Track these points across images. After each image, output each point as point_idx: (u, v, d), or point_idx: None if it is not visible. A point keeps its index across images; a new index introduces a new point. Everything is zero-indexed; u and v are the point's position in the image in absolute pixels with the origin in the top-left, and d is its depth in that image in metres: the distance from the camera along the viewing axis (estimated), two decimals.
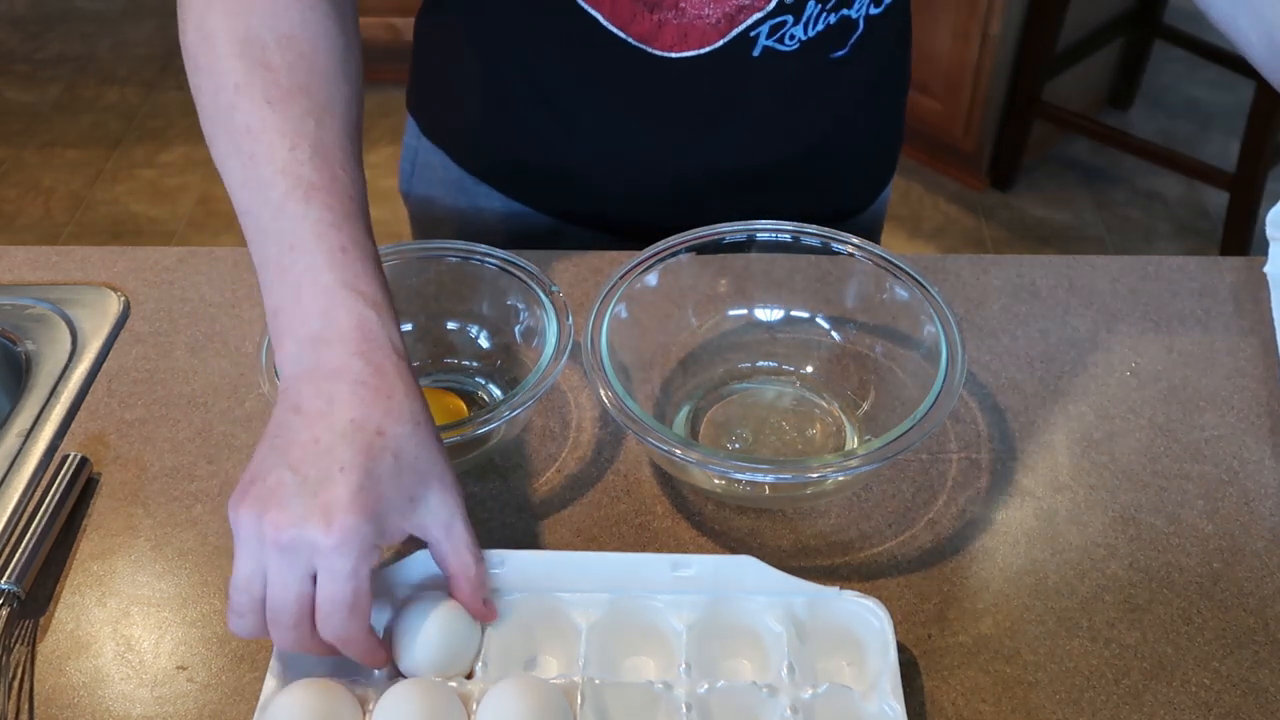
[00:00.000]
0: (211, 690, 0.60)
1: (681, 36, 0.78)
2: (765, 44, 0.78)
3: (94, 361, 0.79)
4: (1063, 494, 0.70)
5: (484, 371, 0.77)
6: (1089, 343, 0.79)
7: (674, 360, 0.76)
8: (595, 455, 0.72)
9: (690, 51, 0.78)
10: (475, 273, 0.75)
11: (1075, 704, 0.59)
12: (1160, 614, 0.63)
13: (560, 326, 0.70)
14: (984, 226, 2.41)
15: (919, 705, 0.59)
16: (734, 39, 0.78)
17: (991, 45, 2.23)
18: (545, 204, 0.94)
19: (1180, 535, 0.67)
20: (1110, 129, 2.39)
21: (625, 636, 0.60)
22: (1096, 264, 0.86)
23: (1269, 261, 0.83)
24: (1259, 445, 0.72)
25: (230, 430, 0.74)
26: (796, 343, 0.77)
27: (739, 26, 0.77)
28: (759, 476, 0.63)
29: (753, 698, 0.56)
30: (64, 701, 0.60)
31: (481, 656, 0.58)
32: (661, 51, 0.78)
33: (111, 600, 0.65)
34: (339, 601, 0.52)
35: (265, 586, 0.53)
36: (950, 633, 0.62)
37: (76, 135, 2.71)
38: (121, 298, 0.84)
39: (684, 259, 0.74)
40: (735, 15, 0.76)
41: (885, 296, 0.73)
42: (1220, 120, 2.64)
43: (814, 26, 0.78)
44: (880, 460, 0.62)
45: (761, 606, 0.60)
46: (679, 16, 0.76)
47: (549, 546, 0.67)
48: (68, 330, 0.81)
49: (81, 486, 0.70)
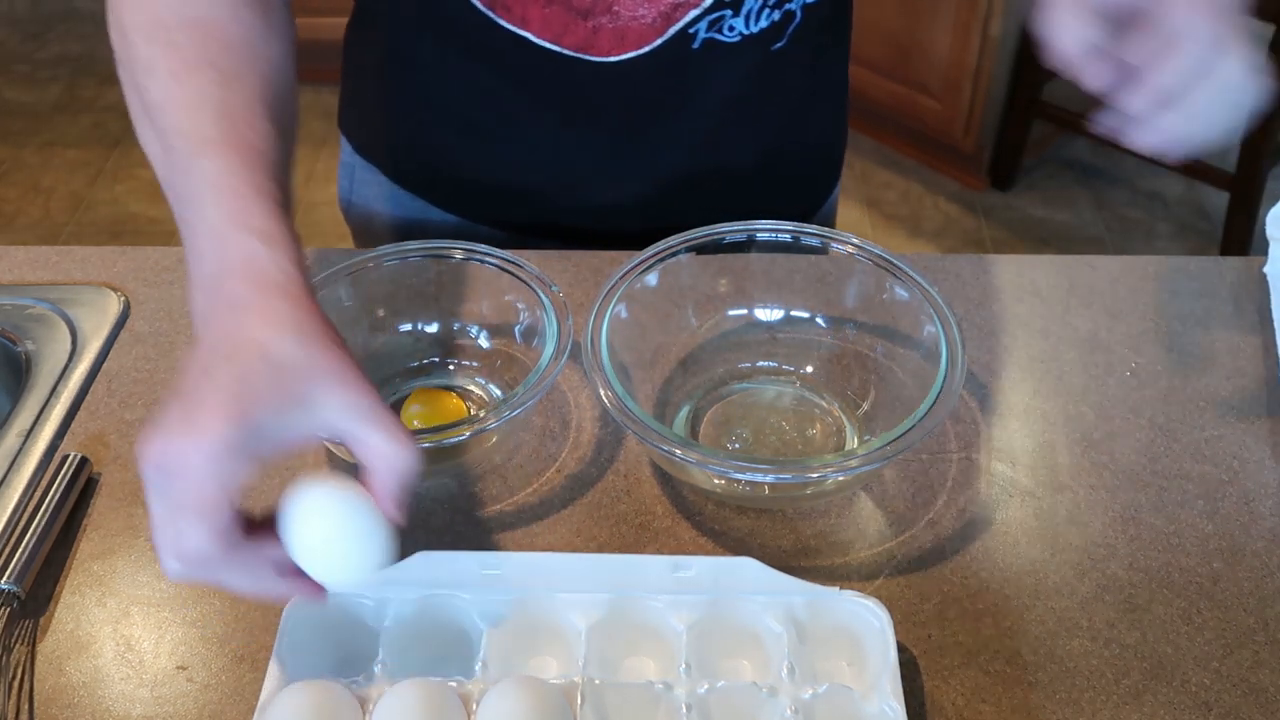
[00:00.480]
0: (211, 690, 0.60)
1: (619, 40, 0.77)
2: (705, 36, 0.77)
3: (94, 361, 0.79)
4: (1063, 494, 0.70)
5: (484, 371, 0.77)
6: (1089, 343, 0.79)
7: (674, 360, 0.76)
8: (595, 455, 0.72)
9: (629, 53, 0.78)
10: (475, 273, 0.75)
11: (1075, 704, 0.59)
12: (1160, 614, 0.63)
13: (560, 326, 0.69)
14: (984, 226, 2.41)
15: (919, 705, 0.59)
16: (673, 36, 0.77)
17: (991, 45, 2.23)
18: (493, 218, 0.92)
19: (1180, 535, 0.67)
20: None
21: (625, 637, 0.60)
22: (1096, 264, 0.86)
23: (1269, 261, 0.83)
24: (1259, 445, 0.72)
25: None
26: (796, 343, 0.77)
27: (677, 24, 0.76)
28: (759, 476, 0.63)
29: (753, 698, 0.56)
30: (64, 701, 0.60)
31: (482, 656, 0.58)
32: (599, 57, 0.78)
33: (111, 600, 0.65)
34: (188, 506, 0.49)
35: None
36: (950, 633, 0.62)
37: (76, 135, 2.71)
38: (121, 298, 0.84)
39: (684, 259, 0.74)
40: (671, 13, 0.75)
41: (885, 296, 0.73)
42: None
43: (756, 21, 0.78)
44: (880, 460, 0.62)
45: (761, 607, 0.60)
46: (614, 20, 0.76)
47: (549, 546, 0.67)
48: (68, 330, 0.81)
49: (81, 486, 0.70)
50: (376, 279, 0.75)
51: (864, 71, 2.46)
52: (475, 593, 0.61)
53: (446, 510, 0.69)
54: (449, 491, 0.70)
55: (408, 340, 0.78)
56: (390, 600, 0.60)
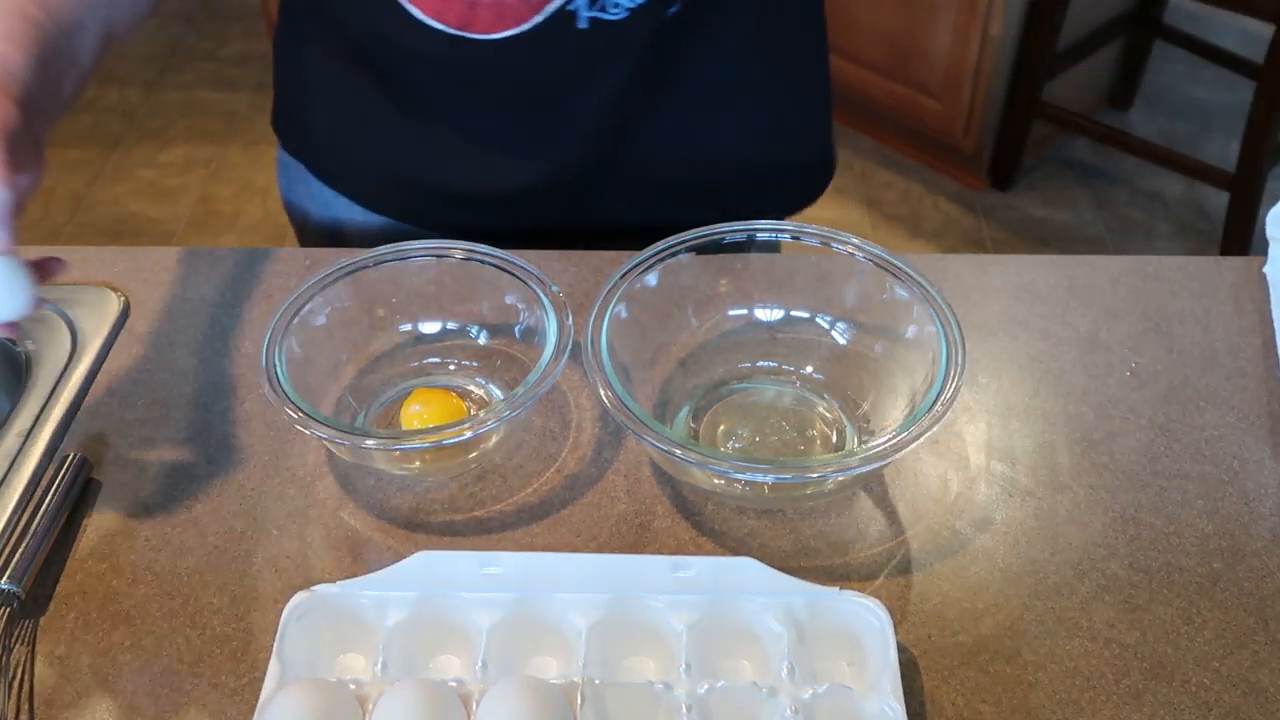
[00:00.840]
0: (212, 690, 0.60)
1: (498, 17, 0.77)
2: (589, 15, 0.77)
3: (94, 361, 0.79)
4: (1063, 494, 0.70)
5: (484, 371, 0.77)
6: (1089, 343, 0.79)
7: (674, 360, 0.76)
8: (595, 455, 0.72)
9: (510, 31, 0.77)
10: (475, 273, 0.75)
11: (1075, 704, 0.59)
12: (1160, 614, 0.63)
13: (560, 326, 0.69)
14: (984, 226, 2.41)
15: (919, 705, 0.59)
16: (552, 15, 0.76)
17: (991, 45, 2.23)
18: (411, 214, 0.92)
19: (1180, 535, 0.67)
20: (1110, 129, 2.39)
21: (625, 637, 0.60)
22: (1096, 264, 0.86)
23: (1269, 261, 0.83)
24: (1259, 445, 0.72)
25: (230, 430, 0.74)
26: (796, 343, 0.77)
27: (553, 1, 0.76)
28: (759, 476, 0.63)
29: (753, 698, 0.56)
30: (64, 701, 0.60)
31: (482, 656, 0.58)
32: (482, 35, 0.77)
33: (111, 600, 0.65)
34: None
35: None
36: (950, 633, 0.62)
37: (76, 135, 2.71)
38: (121, 298, 0.84)
39: (684, 259, 0.74)
40: None
41: (885, 296, 0.73)
42: (1220, 120, 2.64)
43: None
44: (880, 460, 0.62)
45: (761, 607, 0.60)
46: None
47: (549, 547, 0.67)
48: (68, 330, 0.81)
49: (82, 486, 0.70)
50: (376, 279, 0.75)
51: (864, 71, 2.46)
52: (475, 593, 0.61)
53: (446, 510, 0.69)
54: (449, 491, 0.70)
55: (408, 340, 0.78)
56: (390, 600, 0.60)
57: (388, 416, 0.75)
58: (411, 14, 0.77)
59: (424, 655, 0.61)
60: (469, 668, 0.59)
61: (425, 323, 0.78)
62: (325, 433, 0.65)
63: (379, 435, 0.70)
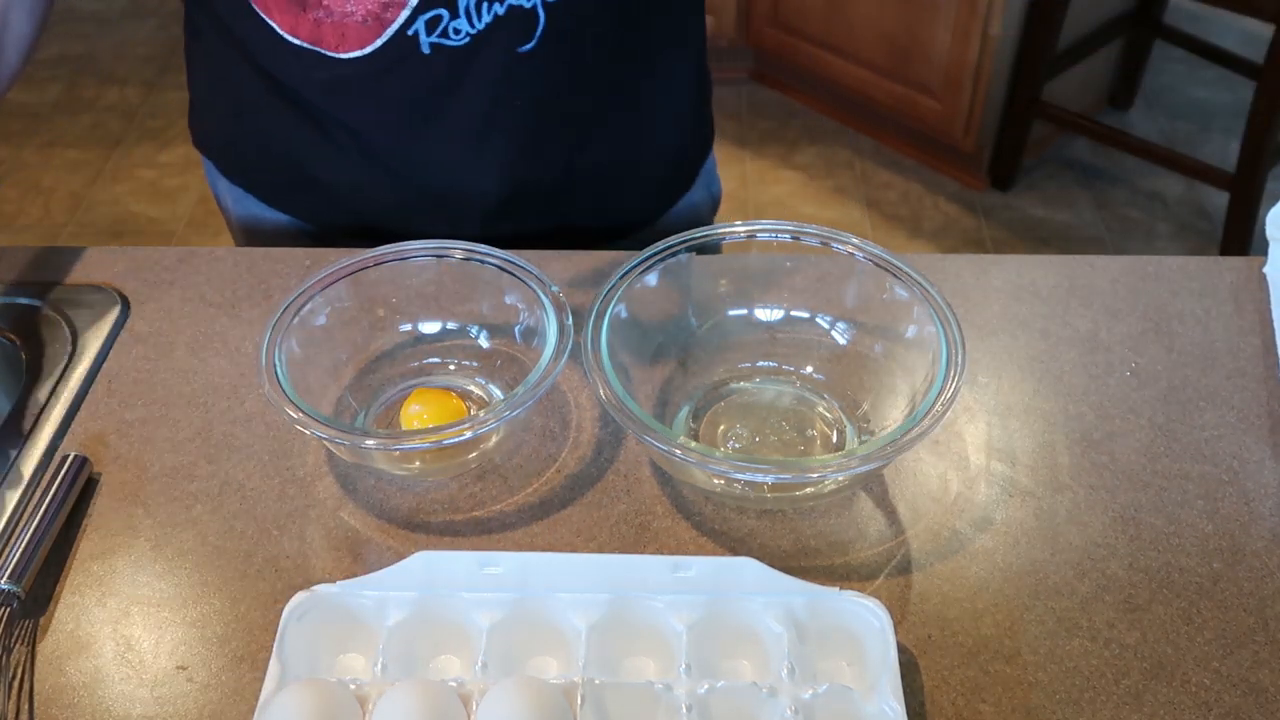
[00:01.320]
0: (211, 690, 0.60)
1: (341, 37, 0.77)
2: (430, 40, 0.77)
3: (94, 361, 0.79)
4: (1063, 494, 0.70)
5: (484, 371, 0.77)
6: (1089, 343, 0.79)
7: (674, 360, 0.76)
8: (595, 455, 0.72)
9: (355, 52, 0.78)
10: (475, 273, 0.75)
11: (1075, 704, 0.59)
12: (1160, 614, 0.63)
13: (560, 326, 0.70)
14: (984, 226, 2.41)
15: (919, 705, 0.59)
16: (393, 38, 0.77)
17: (991, 45, 2.23)
18: (304, 212, 0.94)
19: (1180, 535, 0.67)
20: (1110, 129, 2.39)
21: (625, 637, 0.60)
22: (1096, 264, 0.86)
23: (1269, 261, 0.83)
24: (1259, 445, 0.72)
25: (230, 430, 0.74)
26: (796, 343, 0.77)
27: (393, 24, 0.76)
28: (759, 476, 0.63)
29: (753, 698, 0.56)
30: (64, 701, 0.60)
31: (482, 656, 0.58)
32: (332, 53, 0.78)
33: (111, 600, 0.65)
34: None
35: None
36: (950, 633, 0.62)
37: (76, 135, 2.71)
38: (121, 298, 0.84)
39: (684, 259, 0.74)
40: (382, 13, 0.75)
41: (885, 296, 0.73)
42: (1220, 120, 2.64)
43: (478, 19, 0.77)
44: (880, 460, 0.62)
45: (761, 607, 0.60)
46: (328, 15, 0.76)
47: (549, 547, 0.67)
48: (68, 330, 0.81)
49: (81, 486, 0.70)
50: (376, 279, 0.75)
51: (864, 71, 2.46)
52: (475, 593, 0.61)
53: (446, 510, 0.69)
54: (449, 491, 0.70)
55: (408, 340, 0.78)
56: (390, 600, 0.60)
57: (388, 416, 0.75)
58: (274, 29, 0.79)
59: (424, 655, 0.61)
60: (469, 668, 0.59)
61: (425, 323, 0.78)
62: (325, 433, 0.65)
63: (379, 435, 0.70)
